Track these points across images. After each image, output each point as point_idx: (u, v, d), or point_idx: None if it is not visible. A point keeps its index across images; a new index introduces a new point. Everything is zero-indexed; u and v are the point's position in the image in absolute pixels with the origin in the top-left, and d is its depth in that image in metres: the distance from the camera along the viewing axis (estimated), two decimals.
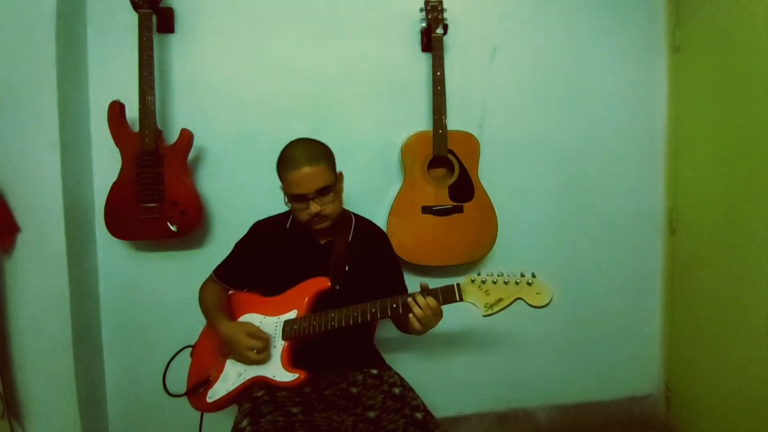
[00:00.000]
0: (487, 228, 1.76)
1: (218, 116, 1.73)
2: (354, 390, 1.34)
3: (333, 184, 1.32)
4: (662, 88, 2.00)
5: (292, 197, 1.31)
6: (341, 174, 1.38)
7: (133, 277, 1.74)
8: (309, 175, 1.26)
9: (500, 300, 1.14)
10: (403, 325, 1.40)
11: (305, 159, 1.27)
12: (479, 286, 1.16)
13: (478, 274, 1.18)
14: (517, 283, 1.15)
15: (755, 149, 1.57)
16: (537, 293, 1.14)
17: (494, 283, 1.16)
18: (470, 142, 1.74)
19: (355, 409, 1.28)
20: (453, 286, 1.19)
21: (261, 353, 1.27)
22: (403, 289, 1.49)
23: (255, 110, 1.75)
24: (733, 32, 1.66)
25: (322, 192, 1.29)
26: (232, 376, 1.32)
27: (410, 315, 1.21)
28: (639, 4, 1.96)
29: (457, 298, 1.18)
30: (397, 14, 1.80)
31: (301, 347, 1.32)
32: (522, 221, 1.92)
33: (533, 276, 1.15)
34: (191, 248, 1.76)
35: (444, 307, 1.22)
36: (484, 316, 1.15)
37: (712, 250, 1.78)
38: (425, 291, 1.22)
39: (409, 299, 1.21)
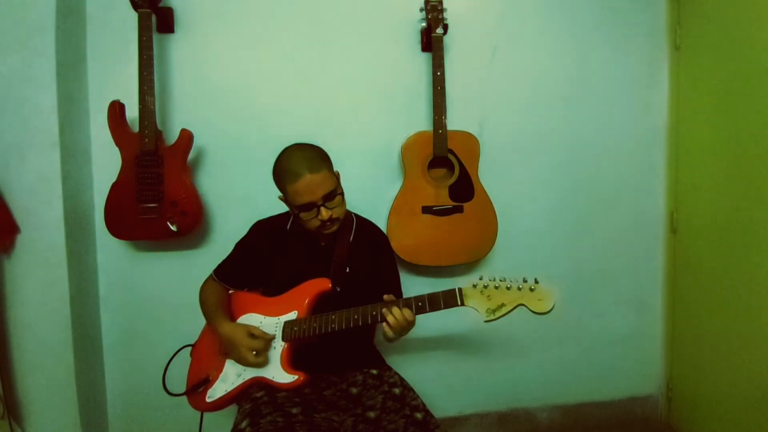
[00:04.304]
0: (487, 228, 1.75)
1: (218, 116, 1.73)
2: (354, 390, 1.34)
3: (337, 187, 1.31)
4: (663, 86, 1.99)
5: (299, 207, 1.28)
6: (338, 173, 1.38)
7: (133, 277, 1.74)
8: (313, 182, 1.25)
9: (502, 305, 1.14)
10: None
11: (305, 167, 1.25)
12: (481, 291, 1.16)
13: (480, 279, 1.17)
14: (519, 289, 1.14)
15: (757, 148, 1.56)
16: (539, 299, 1.13)
17: (496, 288, 1.15)
18: (470, 142, 1.73)
19: (355, 409, 1.28)
20: (454, 290, 1.19)
21: (259, 356, 1.27)
22: (398, 293, 1.49)
23: (255, 110, 1.75)
24: (735, 31, 1.65)
25: (329, 197, 1.28)
26: (232, 376, 1.32)
27: (384, 324, 1.23)
28: (640, 2, 1.95)
29: (459, 303, 1.18)
30: (397, 14, 1.79)
31: (301, 348, 1.32)
32: (522, 221, 1.92)
33: (536, 282, 1.14)
34: (191, 248, 1.76)
35: (444, 310, 1.21)
36: (485, 321, 1.14)
37: (713, 250, 1.78)
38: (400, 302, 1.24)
39: (384, 309, 1.23)
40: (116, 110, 1.55)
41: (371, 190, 1.79)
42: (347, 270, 1.40)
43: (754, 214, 1.58)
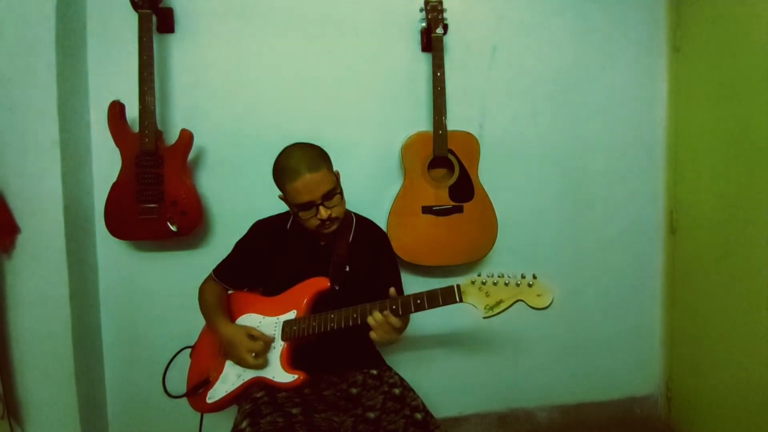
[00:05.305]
0: (487, 228, 1.76)
1: (218, 117, 1.73)
2: (354, 391, 1.34)
3: (336, 186, 1.31)
4: (662, 88, 2.00)
5: (298, 206, 1.28)
6: (338, 173, 1.38)
7: (133, 278, 1.73)
8: (312, 181, 1.25)
9: (500, 302, 1.13)
10: None
11: (305, 166, 1.25)
12: (479, 288, 1.16)
13: (479, 275, 1.17)
14: (517, 285, 1.14)
15: (755, 149, 1.56)
16: (538, 295, 1.13)
17: (494, 284, 1.15)
18: (470, 142, 1.73)
19: (355, 409, 1.28)
20: (453, 287, 1.19)
21: (259, 358, 1.26)
22: (400, 291, 1.49)
23: (255, 110, 1.75)
24: (734, 32, 1.66)
25: (328, 196, 1.28)
26: (232, 376, 1.32)
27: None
28: (639, 3, 1.96)
29: (457, 300, 1.17)
30: (397, 14, 1.79)
31: (300, 347, 1.32)
32: (522, 221, 1.92)
33: (534, 277, 1.14)
34: (191, 248, 1.76)
35: (444, 308, 1.21)
36: (484, 317, 1.14)
37: (712, 250, 1.78)
38: (391, 301, 1.23)
39: (368, 318, 1.23)
40: (116, 110, 1.55)
41: (371, 190, 1.79)
42: (347, 269, 1.40)
43: (753, 214, 1.59)
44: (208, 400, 1.32)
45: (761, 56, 1.53)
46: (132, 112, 1.58)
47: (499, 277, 1.16)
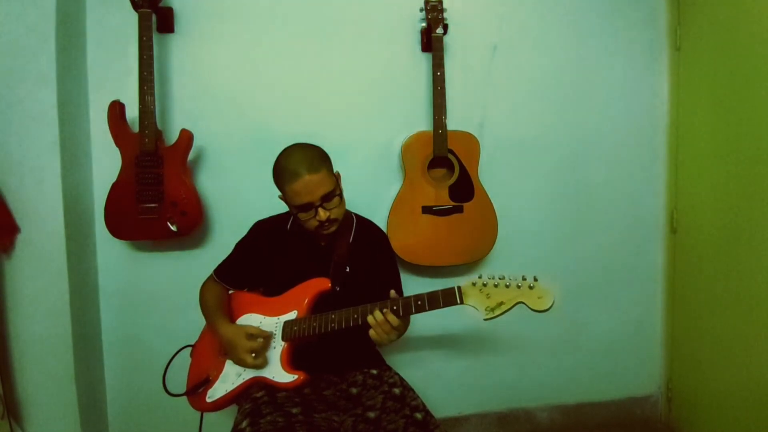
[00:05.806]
0: (487, 228, 1.76)
1: (218, 116, 1.73)
2: (354, 390, 1.34)
3: (336, 187, 1.31)
4: (663, 87, 1.99)
5: (297, 207, 1.28)
6: (339, 174, 1.37)
7: (133, 278, 1.74)
8: (312, 183, 1.25)
9: (501, 303, 1.13)
10: None
11: (304, 167, 1.25)
12: (480, 290, 1.16)
13: (480, 277, 1.17)
14: (518, 287, 1.14)
15: (756, 148, 1.56)
16: (538, 297, 1.12)
17: (495, 286, 1.15)
18: (470, 142, 1.73)
19: (355, 409, 1.28)
20: (453, 288, 1.18)
21: (258, 358, 1.26)
22: (399, 292, 1.48)
23: (255, 110, 1.75)
24: (735, 31, 1.65)
25: (327, 197, 1.28)
26: (232, 376, 1.32)
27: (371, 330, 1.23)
28: (640, 3, 1.95)
29: (458, 301, 1.17)
30: (397, 14, 1.79)
31: (300, 347, 1.32)
32: (522, 221, 1.92)
33: (535, 279, 1.14)
34: (191, 248, 1.76)
35: (444, 309, 1.21)
36: (485, 319, 1.14)
37: (713, 250, 1.78)
38: (392, 301, 1.23)
39: (368, 316, 1.23)
40: (116, 110, 1.55)
41: (371, 190, 1.79)
42: (347, 270, 1.40)
43: (753, 214, 1.58)
44: (208, 399, 1.32)
45: (763, 54, 1.53)
46: (132, 112, 1.58)
47: (500, 278, 1.16)
